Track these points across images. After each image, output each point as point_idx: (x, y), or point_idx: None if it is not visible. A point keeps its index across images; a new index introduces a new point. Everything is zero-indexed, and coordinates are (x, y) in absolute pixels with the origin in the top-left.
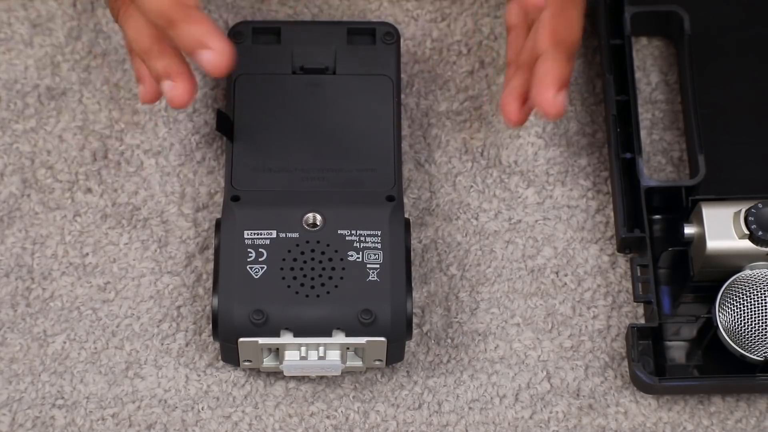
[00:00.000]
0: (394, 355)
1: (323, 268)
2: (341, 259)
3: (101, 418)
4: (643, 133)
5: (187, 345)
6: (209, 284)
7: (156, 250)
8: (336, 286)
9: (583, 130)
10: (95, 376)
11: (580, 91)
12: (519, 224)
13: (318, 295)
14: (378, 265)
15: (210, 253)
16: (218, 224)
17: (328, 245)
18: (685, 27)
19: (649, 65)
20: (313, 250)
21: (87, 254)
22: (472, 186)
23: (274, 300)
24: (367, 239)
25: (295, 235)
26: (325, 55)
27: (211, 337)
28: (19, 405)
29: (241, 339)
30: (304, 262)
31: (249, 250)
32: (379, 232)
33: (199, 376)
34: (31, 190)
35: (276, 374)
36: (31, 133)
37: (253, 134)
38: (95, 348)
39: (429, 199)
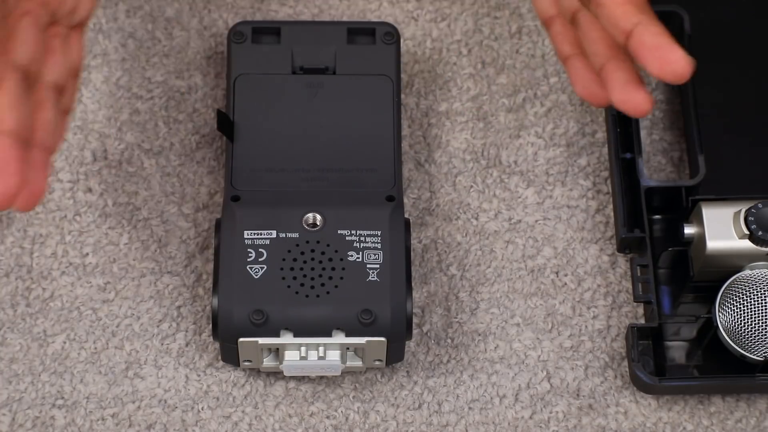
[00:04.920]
0: (394, 355)
1: (323, 268)
2: (341, 259)
3: (101, 418)
4: (643, 133)
5: (187, 345)
6: (209, 284)
7: (156, 250)
8: (336, 286)
9: (583, 130)
10: (95, 376)
11: None
12: (519, 224)
13: (318, 295)
14: (378, 265)
15: (210, 253)
16: (218, 224)
17: (328, 245)
18: (685, 27)
19: None
20: (313, 250)
21: (87, 254)
22: (472, 186)
23: (274, 300)
24: (367, 239)
25: (295, 235)
26: (325, 55)
27: (211, 338)
28: (19, 405)
29: (241, 339)
30: (304, 262)
31: (249, 250)
32: (379, 232)
33: (199, 376)
34: None
35: (276, 374)
36: None
37: (253, 134)
38: (95, 348)
39: (429, 199)
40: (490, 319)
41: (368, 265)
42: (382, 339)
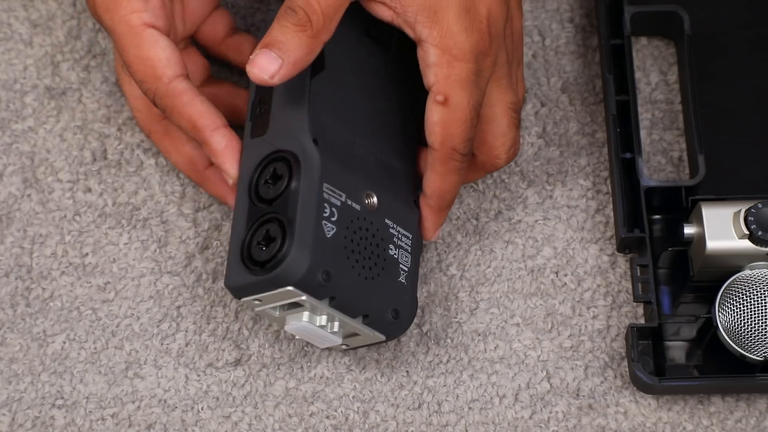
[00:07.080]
0: (365, 346)
1: (371, 252)
2: (384, 250)
3: (101, 418)
4: (643, 133)
5: (186, 345)
6: (209, 284)
7: (156, 250)
8: (378, 275)
9: (583, 130)
10: (95, 376)
11: (580, 91)
12: (519, 224)
13: (366, 278)
14: (407, 269)
15: (210, 253)
16: (294, 160)
17: (377, 230)
18: (685, 27)
19: (649, 65)
20: (367, 229)
21: (87, 254)
22: (472, 186)
23: (338, 266)
24: (402, 239)
25: (358, 207)
26: (392, 29)
27: (244, 267)
28: (19, 405)
29: (290, 288)
30: (360, 239)
31: (325, 204)
32: (411, 236)
33: (198, 376)
34: (31, 190)
35: (276, 374)
36: (30, 133)
37: (328, 83)
38: (95, 348)
39: None
40: (490, 319)
41: (401, 265)
42: (382, 336)
